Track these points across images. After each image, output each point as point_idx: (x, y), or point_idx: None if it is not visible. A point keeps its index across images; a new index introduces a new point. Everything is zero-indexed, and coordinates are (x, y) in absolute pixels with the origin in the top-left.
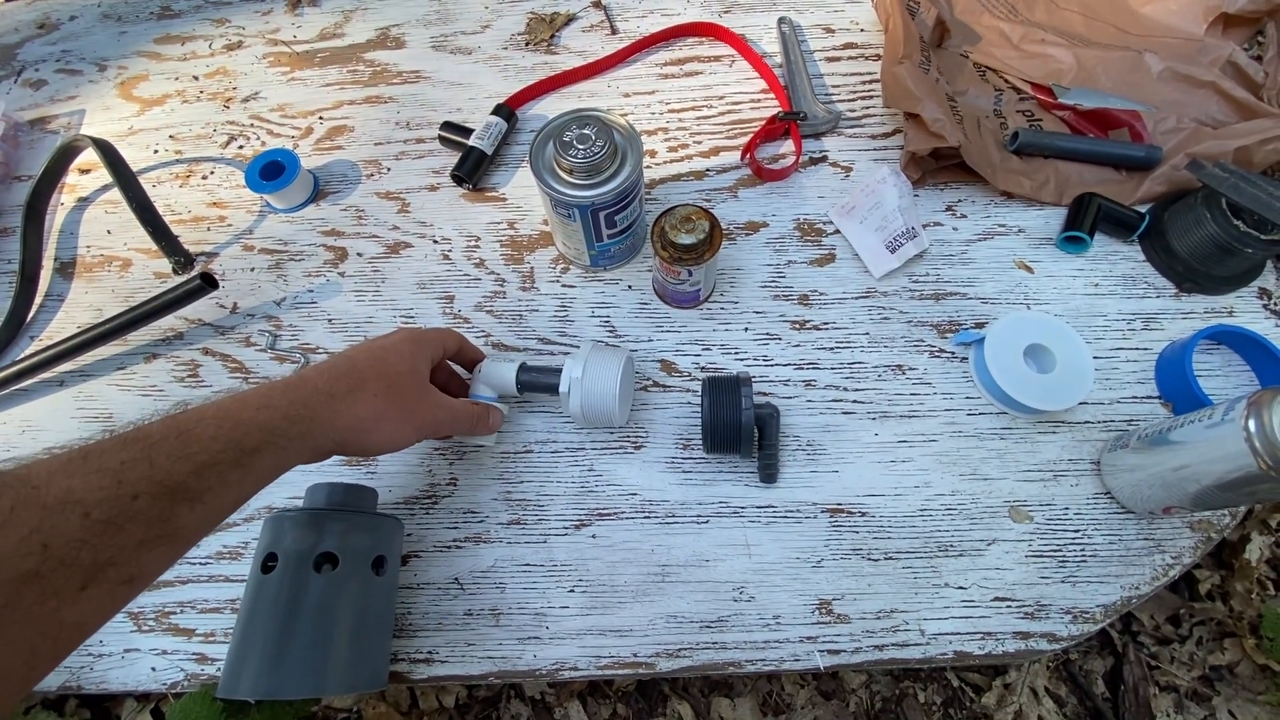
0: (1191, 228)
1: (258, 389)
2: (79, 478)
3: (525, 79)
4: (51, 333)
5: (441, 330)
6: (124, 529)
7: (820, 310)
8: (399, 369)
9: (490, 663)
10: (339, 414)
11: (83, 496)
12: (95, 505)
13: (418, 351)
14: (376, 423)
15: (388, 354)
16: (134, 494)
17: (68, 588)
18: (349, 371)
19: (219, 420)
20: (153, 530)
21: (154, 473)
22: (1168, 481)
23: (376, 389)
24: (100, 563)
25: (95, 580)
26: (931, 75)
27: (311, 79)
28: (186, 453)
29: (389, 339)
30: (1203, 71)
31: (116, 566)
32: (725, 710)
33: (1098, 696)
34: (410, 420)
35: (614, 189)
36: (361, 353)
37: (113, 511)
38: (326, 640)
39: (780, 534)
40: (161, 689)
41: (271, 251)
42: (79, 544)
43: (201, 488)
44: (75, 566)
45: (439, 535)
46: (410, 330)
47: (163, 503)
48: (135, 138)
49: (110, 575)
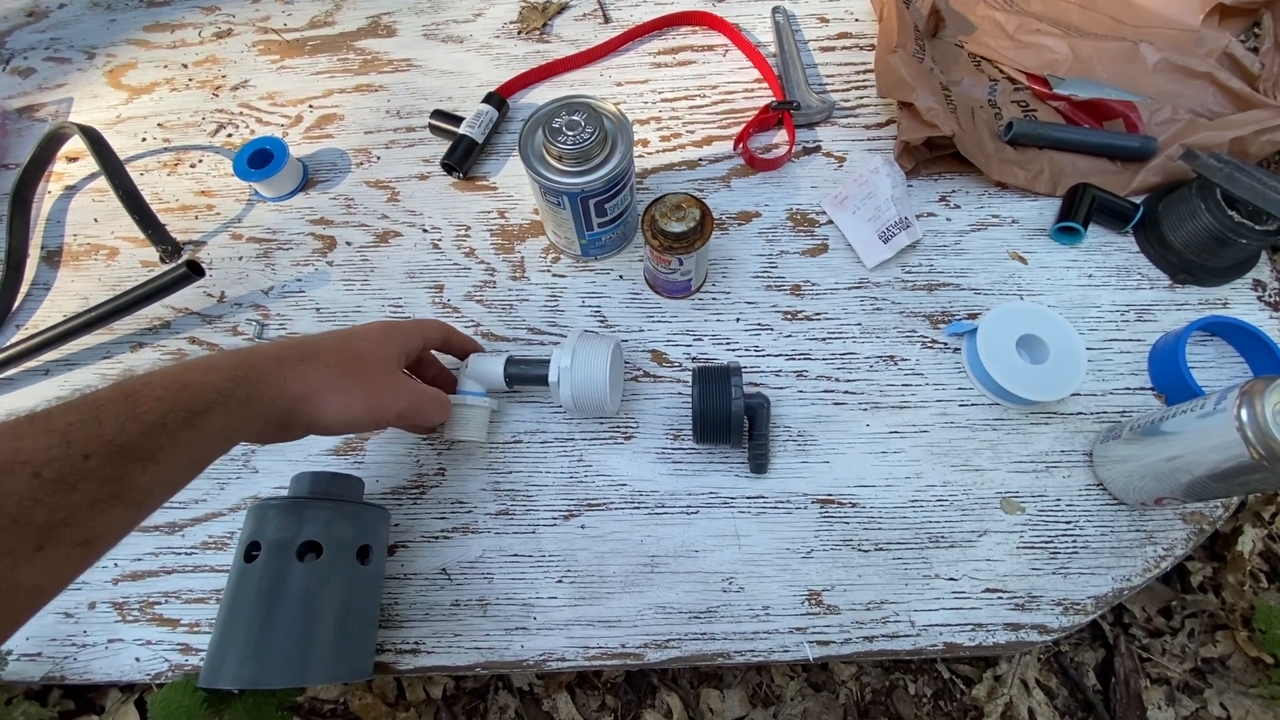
0: (1186, 219)
1: (206, 355)
2: (27, 439)
3: (517, 68)
4: (37, 321)
5: (423, 321)
6: (76, 488)
7: (812, 301)
8: (360, 349)
9: (478, 653)
10: (287, 380)
11: (31, 456)
12: (44, 465)
13: (388, 338)
14: (325, 394)
15: (353, 335)
16: (84, 454)
17: (22, 547)
18: (303, 343)
19: (166, 383)
20: (106, 490)
21: (103, 432)
22: (1160, 472)
23: (330, 360)
24: (54, 522)
25: (50, 540)
26: (926, 64)
27: (301, 67)
28: (135, 413)
29: (362, 325)
30: (1199, 62)
31: (71, 527)
32: (714, 701)
33: (1089, 688)
34: (364, 397)
35: (604, 176)
36: (326, 333)
37: (63, 471)
38: (310, 630)
39: (770, 524)
40: (146, 679)
41: (260, 240)
42: (31, 502)
43: (153, 447)
44: (29, 525)
45: (426, 525)
46: (388, 320)
47: (115, 462)
48: (123, 126)
49: (65, 536)
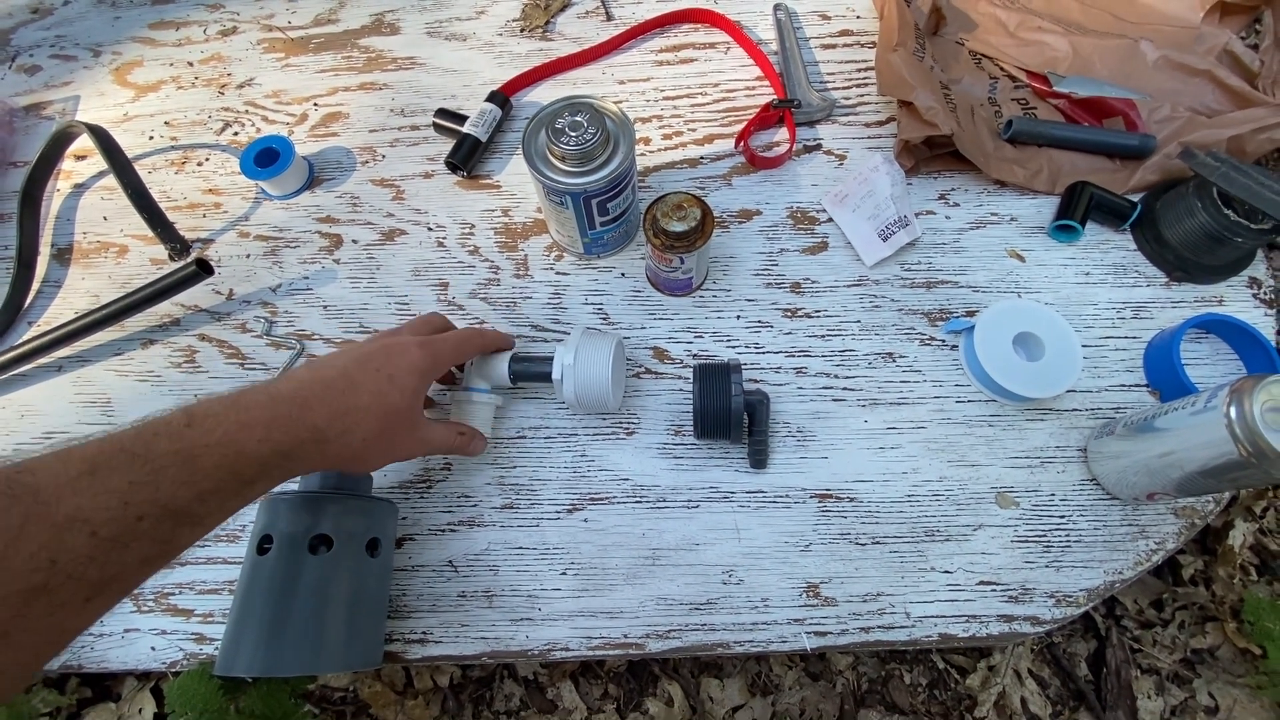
0: (1183, 217)
1: (261, 409)
2: (87, 496)
3: (520, 66)
4: (49, 318)
5: (464, 343)
6: (129, 548)
7: (812, 298)
8: (398, 406)
9: (484, 643)
10: (328, 453)
11: (90, 516)
12: (102, 525)
13: (423, 385)
14: (361, 459)
15: (392, 388)
16: (139, 515)
17: (74, 600)
18: (349, 410)
19: (224, 448)
20: (155, 549)
21: (159, 496)
22: (1153, 468)
23: (368, 432)
24: (106, 579)
25: (100, 593)
26: (926, 63)
27: (306, 65)
28: (191, 479)
29: (400, 362)
30: (1198, 60)
31: (119, 581)
32: (714, 690)
33: (1080, 679)
34: (393, 453)
35: (606, 176)
36: (368, 380)
37: (118, 531)
38: (321, 620)
39: (769, 519)
40: (161, 668)
41: (267, 238)
42: (86, 560)
43: (203, 512)
44: (82, 581)
45: (433, 519)
46: (427, 349)
47: (166, 525)
48: (130, 124)
49: (113, 589)
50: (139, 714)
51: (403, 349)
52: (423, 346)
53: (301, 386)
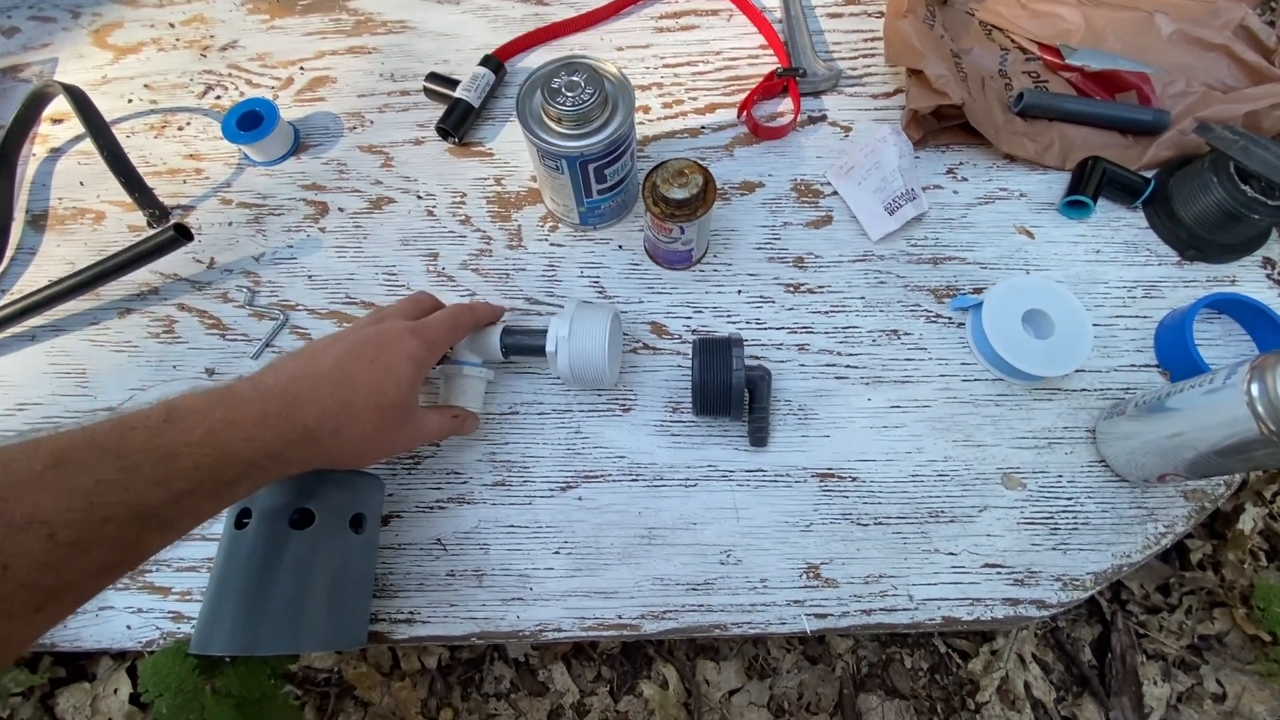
0: (1198, 193)
1: (249, 404)
2: (50, 494)
3: (515, 30)
4: (22, 286)
5: (457, 323)
6: (89, 554)
7: (815, 273)
8: (395, 401)
9: (473, 623)
10: (318, 453)
11: (50, 517)
12: (62, 527)
13: (420, 375)
14: (355, 457)
15: (390, 380)
16: (105, 517)
17: (23, 610)
18: (344, 407)
19: (206, 447)
20: (118, 554)
21: (129, 497)
22: (1163, 449)
23: (363, 429)
24: (60, 586)
25: (53, 602)
26: (936, 31)
27: (292, 27)
28: (166, 479)
29: (397, 352)
30: (1214, 34)
31: (75, 590)
32: (710, 673)
33: (1084, 664)
34: (389, 449)
35: (604, 139)
36: (363, 374)
37: (80, 535)
38: (303, 597)
39: (769, 498)
40: (137, 647)
41: (250, 205)
42: (41, 567)
43: (174, 516)
44: (34, 589)
45: (421, 495)
46: (422, 337)
47: (133, 528)
48: (109, 86)
49: (68, 599)
50: (114, 694)
51: (397, 337)
52: (417, 334)
53: (292, 381)
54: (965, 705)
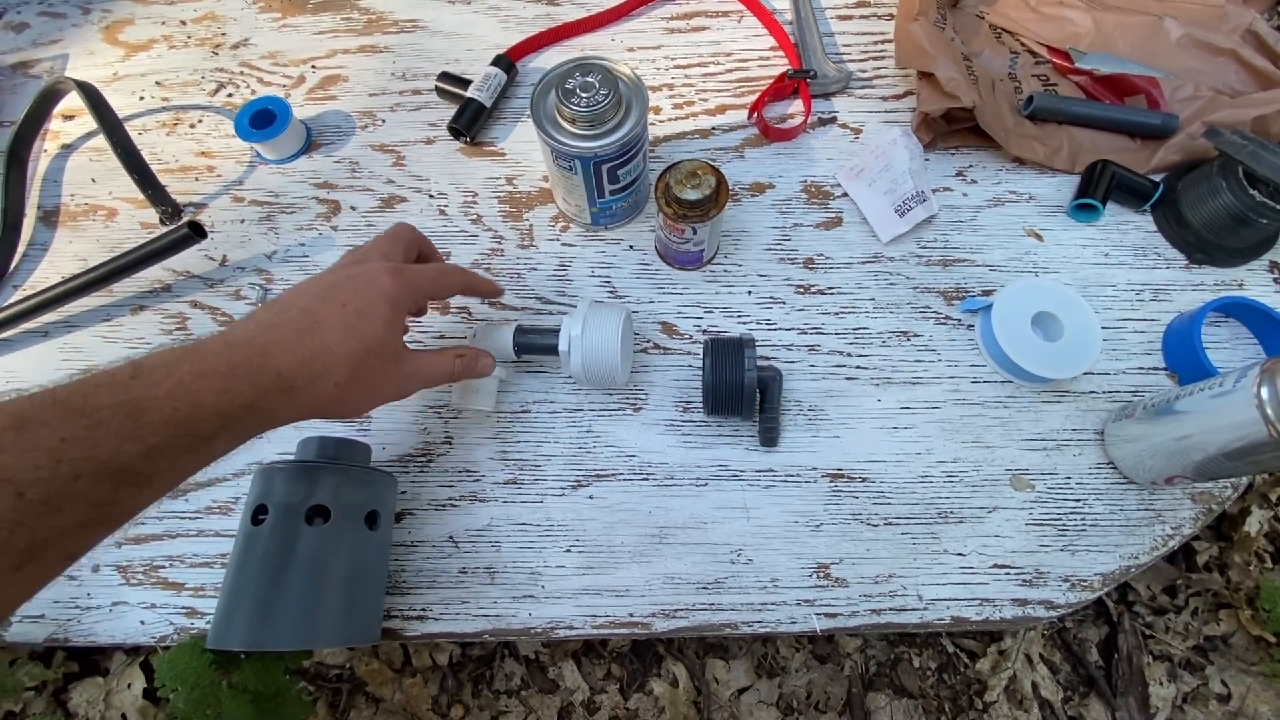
0: (1206, 197)
1: (218, 357)
2: (13, 453)
3: (526, 30)
4: (35, 282)
5: (445, 272)
6: (63, 510)
7: (826, 274)
8: (370, 342)
9: (485, 620)
10: (299, 403)
11: (15, 475)
12: (30, 485)
13: (397, 315)
14: (335, 405)
15: (362, 322)
16: (75, 474)
17: (2, 568)
18: (317, 354)
19: (175, 400)
20: (95, 512)
21: (97, 453)
22: (1171, 451)
23: (341, 375)
24: (36, 544)
25: (32, 560)
26: (947, 34)
27: (304, 26)
28: (136, 434)
29: (368, 293)
30: (1222, 39)
31: (54, 548)
32: (720, 672)
33: (1091, 664)
34: (379, 394)
35: (617, 140)
36: (333, 317)
37: (50, 491)
38: (318, 593)
39: (779, 498)
40: (150, 642)
41: (262, 203)
42: (12, 525)
43: (150, 471)
44: (9, 548)
45: (434, 493)
46: (396, 276)
47: (106, 484)
48: (120, 84)
49: (48, 556)
50: (128, 689)
51: (369, 277)
52: (393, 274)
53: (261, 330)
54: (973, 705)
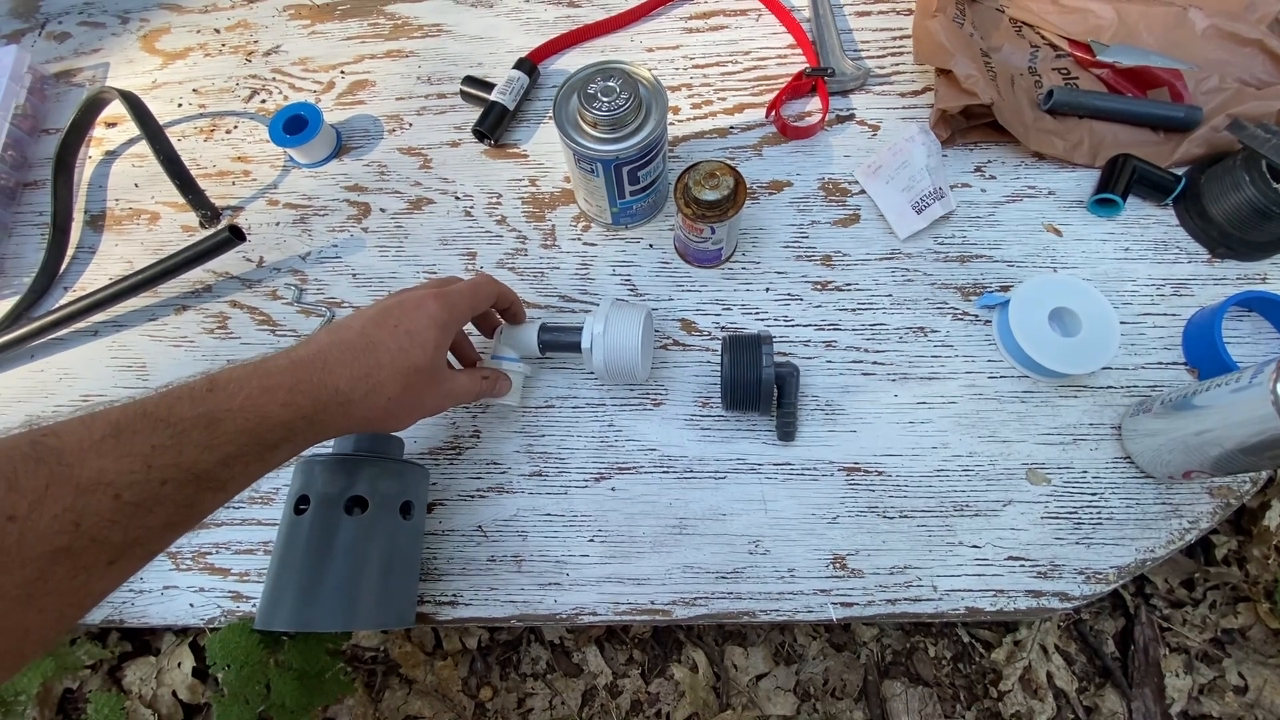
0: (1229, 191)
1: (283, 373)
2: (111, 459)
3: (547, 33)
4: (84, 284)
5: (479, 288)
6: (152, 511)
7: (843, 271)
8: (419, 363)
9: (512, 606)
10: (353, 416)
11: (114, 479)
12: (126, 488)
13: (444, 338)
14: (385, 419)
15: (413, 344)
16: (163, 479)
17: (97, 563)
18: (371, 371)
19: (246, 413)
20: (179, 514)
21: (182, 460)
22: (1189, 446)
23: (392, 390)
24: (129, 541)
25: (123, 556)
26: (965, 30)
27: (332, 32)
28: (214, 443)
29: (417, 317)
30: (1248, 29)
31: (142, 545)
32: (738, 658)
33: (1107, 656)
34: (421, 409)
35: (638, 143)
36: (387, 338)
37: (142, 495)
38: (357, 578)
39: (796, 491)
40: (199, 624)
41: (296, 206)
42: (109, 524)
43: (226, 477)
44: (105, 544)
45: (463, 485)
46: (442, 301)
47: (189, 489)
48: (158, 91)
49: (136, 552)
50: (178, 668)
51: (418, 303)
52: (438, 299)
53: (322, 350)
54: (988, 693)
